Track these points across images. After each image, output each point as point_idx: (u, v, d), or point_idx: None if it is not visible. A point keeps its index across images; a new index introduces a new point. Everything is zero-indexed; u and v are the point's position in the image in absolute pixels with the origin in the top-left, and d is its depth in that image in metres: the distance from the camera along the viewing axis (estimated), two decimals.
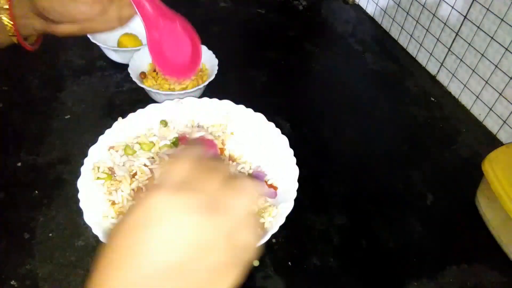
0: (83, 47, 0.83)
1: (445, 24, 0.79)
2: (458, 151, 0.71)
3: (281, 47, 0.91)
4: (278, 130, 0.59)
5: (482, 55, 0.72)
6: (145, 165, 0.55)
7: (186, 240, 0.24)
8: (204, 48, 0.76)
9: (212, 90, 0.73)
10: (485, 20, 0.70)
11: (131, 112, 0.59)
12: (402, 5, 0.90)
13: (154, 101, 0.70)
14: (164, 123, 0.60)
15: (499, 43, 0.69)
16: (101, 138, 0.56)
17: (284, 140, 0.58)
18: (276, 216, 0.51)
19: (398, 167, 0.68)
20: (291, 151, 0.56)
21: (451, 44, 0.79)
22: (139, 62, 0.74)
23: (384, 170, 0.67)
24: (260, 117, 0.61)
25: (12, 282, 0.49)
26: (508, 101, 0.69)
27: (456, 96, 0.81)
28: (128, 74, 0.70)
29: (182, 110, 0.62)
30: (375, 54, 0.91)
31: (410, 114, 0.78)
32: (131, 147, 0.56)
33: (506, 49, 0.68)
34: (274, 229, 0.48)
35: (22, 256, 0.51)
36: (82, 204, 0.48)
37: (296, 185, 0.52)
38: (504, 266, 0.56)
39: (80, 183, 0.50)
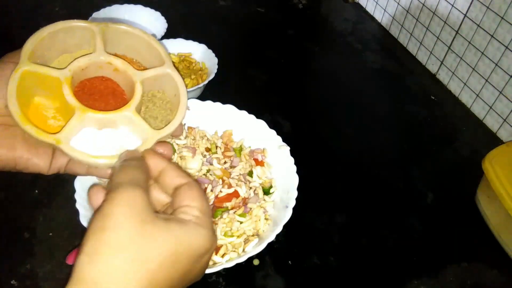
0: None
1: (445, 22, 0.79)
2: (458, 150, 0.71)
3: (281, 45, 0.91)
4: (279, 138, 0.59)
5: (482, 53, 0.72)
6: None
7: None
8: (203, 47, 0.77)
9: (212, 89, 0.73)
10: (485, 18, 0.70)
11: None
12: (402, 3, 0.90)
13: None
14: None
15: (499, 41, 0.68)
16: None
17: (286, 148, 0.58)
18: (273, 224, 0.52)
19: (398, 165, 0.68)
20: (292, 160, 0.56)
21: (451, 43, 0.79)
22: None
23: (384, 169, 0.67)
24: (262, 124, 0.60)
25: (12, 282, 0.49)
26: (508, 99, 0.69)
27: (456, 95, 0.81)
28: None
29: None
30: (375, 53, 0.91)
31: (410, 112, 0.78)
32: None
33: (506, 47, 0.67)
34: (271, 237, 0.48)
35: (22, 255, 0.51)
36: (78, 205, 0.48)
37: (295, 193, 0.52)
38: (504, 264, 0.56)
39: (77, 183, 0.50)
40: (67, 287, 0.24)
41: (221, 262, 0.48)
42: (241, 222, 0.52)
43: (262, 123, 0.61)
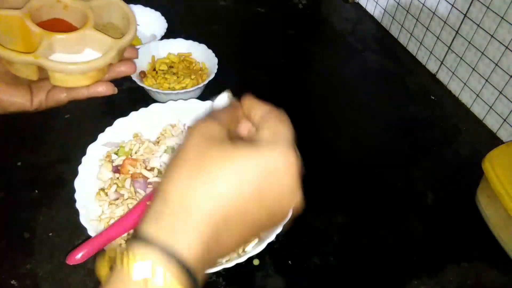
0: None
1: (445, 22, 0.79)
2: (459, 150, 0.71)
3: (281, 45, 0.91)
4: None
5: (482, 53, 0.72)
6: (145, 168, 0.55)
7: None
8: (203, 47, 0.76)
9: (212, 89, 0.73)
10: (485, 18, 0.70)
11: (131, 111, 0.59)
12: (402, 3, 0.90)
13: (154, 100, 0.70)
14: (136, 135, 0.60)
15: (499, 42, 0.68)
16: (100, 136, 0.56)
17: None
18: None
19: (398, 165, 0.68)
20: None
21: (451, 43, 0.79)
22: (138, 61, 0.73)
23: (384, 169, 0.67)
24: None
25: (12, 282, 0.49)
26: (508, 99, 0.69)
27: (456, 95, 0.81)
28: None
29: (184, 111, 0.62)
30: (375, 53, 0.91)
31: (410, 112, 0.78)
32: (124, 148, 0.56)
33: (506, 47, 0.67)
34: (271, 238, 0.48)
35: (22, 255, 0.51)
36: (78, 205, 0.48)
37: None
38: (504, 264, 0.56)
39: (77, 183, 0.50)
40: (151, 204, 0.26)
41: (221, 262, 0.48)
42: None
43: None
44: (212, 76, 0.70)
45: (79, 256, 0.44)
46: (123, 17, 0.38)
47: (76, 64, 0.33)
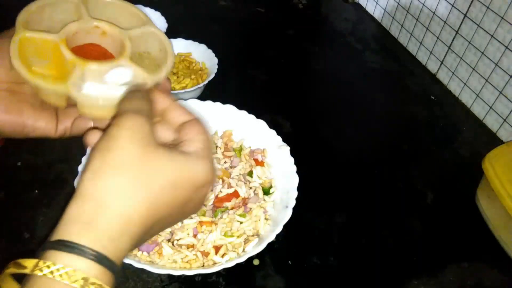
0: None
1: (445, 22, 0.79)
2: (458, 150, 0.71)
3: (281, 45, 0.91)
4: (279, 138, 0.59)
5: (482, 53, 0.72)
6: None
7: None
8: (203, 47, 0.77)
9: (212, 89, 0.73)
10: (485, 18, 0.70)
11: None
12: (402, 3, 0.90)
13: None
14: None
15: (499, 41, 0.68)
16: None
17: (286, 148, 0.58)
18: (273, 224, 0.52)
19: (398, 165, 0.68)
20: (292, 160, 0.56)
21: (451, 43, 0.79)
22: None
23: (384, 169, 0.67)
24: (262, 124, 0.60)
25: None
26: (508, 99, 0.69)
27: (456, 95, 0.81)
28: None
29: None
30: (375, 53, 0.91)
31: (410, 112, 0.78)
32: None
33: (506, 47, 0.67)
34: (271, 237, 0.48)
35: (22, 255, 0.51)
36: None
37: (295, 193, 0.52)
38: (504, 264, 0.56)
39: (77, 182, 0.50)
40: (70, 202, 0.25)
41: (221, 262, 0.48)
42: (241, 222, 0.52)
43: (262, 123, 0.61)
44: (212, 76, 0.70)
45: None
46: (160, 49, 0.37)
47: (107, 99, 0.32)
